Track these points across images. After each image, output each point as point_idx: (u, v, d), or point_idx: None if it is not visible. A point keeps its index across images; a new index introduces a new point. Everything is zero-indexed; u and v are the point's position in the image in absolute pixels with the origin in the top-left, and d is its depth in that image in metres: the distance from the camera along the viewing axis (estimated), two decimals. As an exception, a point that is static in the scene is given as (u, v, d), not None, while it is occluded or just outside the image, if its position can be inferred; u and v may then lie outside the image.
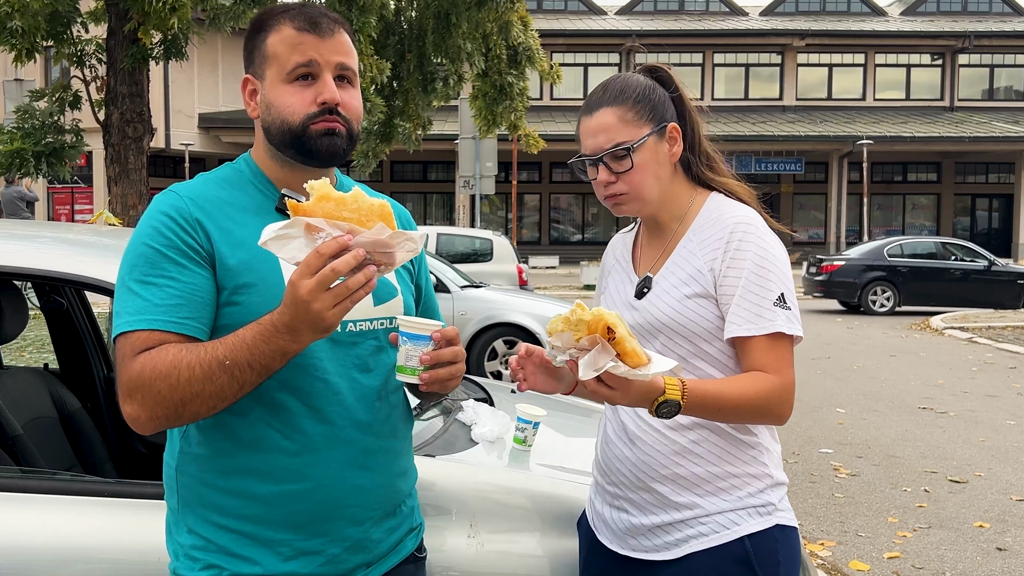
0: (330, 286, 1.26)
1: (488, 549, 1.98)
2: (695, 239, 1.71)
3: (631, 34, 33.38)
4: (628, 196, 1.71)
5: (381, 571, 1.58)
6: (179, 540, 1.52)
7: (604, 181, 1.70)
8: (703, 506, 1.66)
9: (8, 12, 7.63)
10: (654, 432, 1.69)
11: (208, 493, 1.48)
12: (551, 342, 1.46)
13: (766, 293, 1.62)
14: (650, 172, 1.70)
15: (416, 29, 12.47)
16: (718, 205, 1.74)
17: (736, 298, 1.63)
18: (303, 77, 1.48)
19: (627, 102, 1.70)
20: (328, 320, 1.29)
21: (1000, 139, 30.87)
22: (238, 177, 1.55)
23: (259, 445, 1.46)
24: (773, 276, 1.63)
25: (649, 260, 1.79)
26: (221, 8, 9.52)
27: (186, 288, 1.40)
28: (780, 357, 1.62)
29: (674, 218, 1.76)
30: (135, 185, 8.80)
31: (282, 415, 1.46)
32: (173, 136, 28.15)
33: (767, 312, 1.61)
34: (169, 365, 1.34)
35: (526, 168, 32.76)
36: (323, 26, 1.49)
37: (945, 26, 35.00)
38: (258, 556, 1.47)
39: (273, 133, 1.51)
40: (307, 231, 1.28)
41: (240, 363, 1.33)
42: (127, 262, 1.44)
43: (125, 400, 1.38)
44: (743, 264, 1.63)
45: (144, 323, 1.37)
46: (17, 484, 2.02)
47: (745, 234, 1.65)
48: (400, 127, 13.21)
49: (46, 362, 3.33)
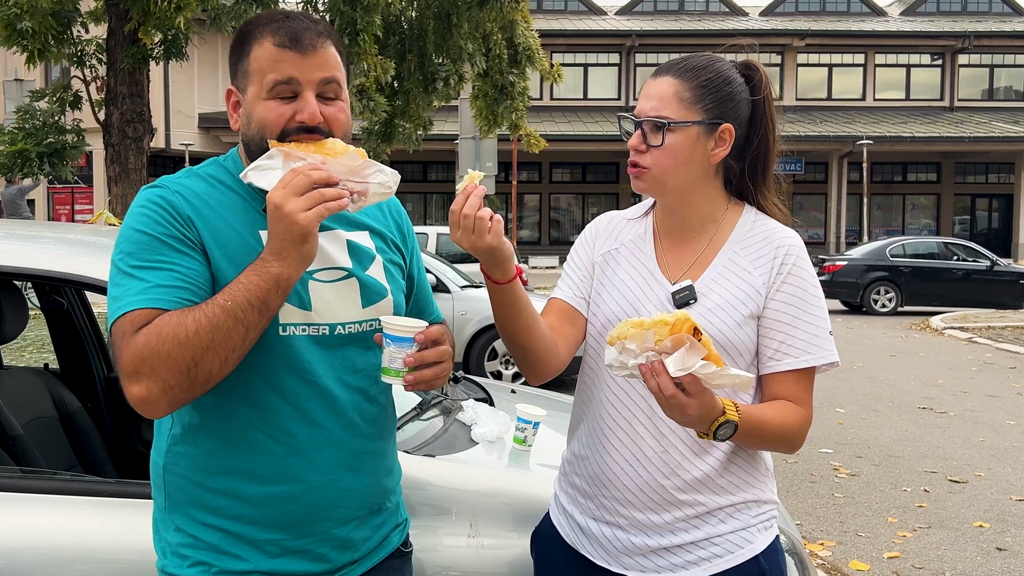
0: (303, 192, 1.31)
1: (488, 549, 1.98)
2: (744, 255, 1.62)
3: (631, 34, 33.37)
4: (648, 173, 1.61)
5: (367, 567, 1.59)
6: (167, 538, 1.52)
7: (634, 146, 1.61)
8: (717, 529, 1.60)
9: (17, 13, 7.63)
10: (678, 456, 1.58)
11: (197, 492, 1.48)
12: (624, 346, 1.37)
13: (821, 323, 1.59)
14: (679, 159, 1.59)
15: (417, 29, 12.48)
16: (758, 220, 1.66)
17: (789, 327, 1.58)
18: (284, 95, 1.45)
19: (692, 81, 1.60)
20: (302, 223, 1.31)
21: (1000, 139, 30.86)
22: (225, 176, 1.53)
23: (248, 447, 1.46)
24: (823, 304, 1.60)
25: (678, 263, 1.66)
26: (222, 8, 9.52)
27: (187, 273, 1.39)
28: (809, 388, 1.60)
29: (706, 222, 1.66)
30: (135, 185, 8.81)
31: (271, 417, 1.46)
32: (173, 136, 28.15)
33: (824, 342, 1.58)
34: (175, 324, 1.31)
35: (526, 168, 32.74)
36: (304, 42, 1.44)
37: (945, 26, 34.99)
38: (246, 554, 1.47)
39: (252, 148, 1.48)
40: (285, 160, 1.36)
41: (240, 302, 1.32)
42: (121, 249, 1.41)
43: (131, 380, 1.32)
44: (796, 291, 1.58)
45: (146, 302, 1.34)
46: (17, 484, 2.02)
47: (799, 259, 1.60)
48: (401, 127, 13.21)
49: (46, 362, 3.33)
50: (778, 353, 1.58)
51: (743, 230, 1.65)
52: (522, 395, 3.22)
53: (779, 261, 1.59)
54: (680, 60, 1.64)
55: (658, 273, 1.66)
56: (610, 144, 30.04)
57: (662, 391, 1.35)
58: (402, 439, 2.09)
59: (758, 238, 1.63)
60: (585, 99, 34.25)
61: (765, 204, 1.69)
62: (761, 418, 1.51)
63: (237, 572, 1.47)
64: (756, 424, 1.49)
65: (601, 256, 1.74)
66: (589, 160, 33.60)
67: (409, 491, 1.88)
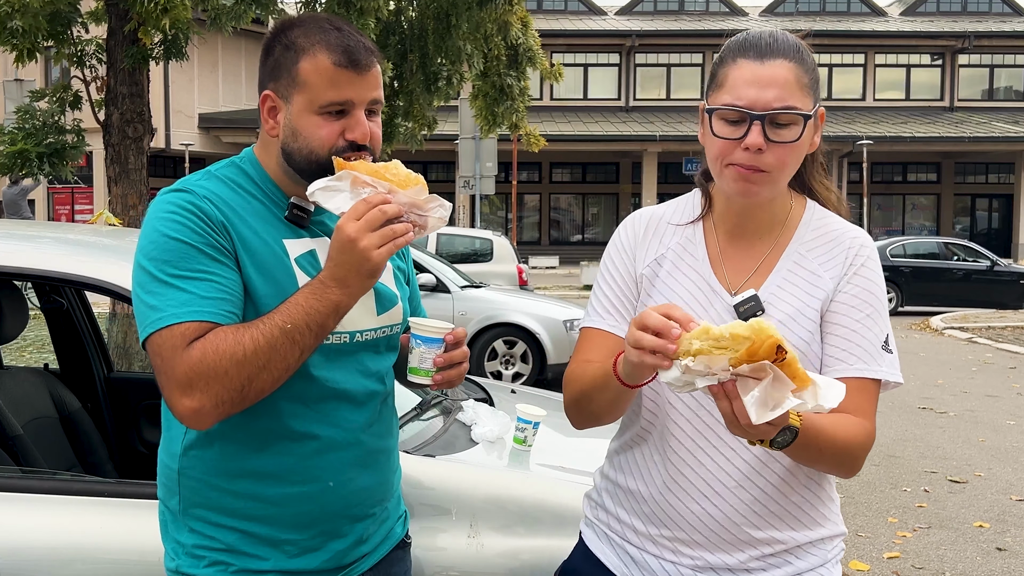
0: (377, 228, 1.32)
1: (488, 549, 1.98)
2: (812, 256, 1.47)
3: (631, 34, 33.37)
4: (767, 176, 1.38)
5: (377, 559, 1.62)
6: (179, 539, 1.52)
7: (755, 145, 1.35)
8: (796, 567, 1.47)
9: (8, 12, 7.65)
10: (755, 490, 1.43)
11: (214, 495, 1.48)
12: (688, 366, 1.15)
13: (880, 331, 1.44)
14: (800, 156, 1.42)
15: (417, 29, 12.49)
16: (823, 216, 1.51)
17: (850, 332, 1.42)
18: (332, 111, 1.45)
19: (804, 64, 1.40)
20: (374, 260, 1.32)
21: (1000, 139, 30.85)
22: (246, 181, 1.51)
23: (269, 449, 1.47)
24: (886, 312, 1.46)
25: (738, 270, 1.48)
26: (222, 8, 9.51)
27: (227, 283, 1.38)
28: (873, 402, 1.43)
29: (775, 222, 1.49)
30: (135, 185, 8.81)
31: (291, 421, 1.47)
32: (173, 136, 28.14)
33: (885, 352, 1.44)
34: (233, 342, 1.32)
35: (526, 168, 32.74)
36: (362, 63, 1.45)
37: (945, 26, 34.99)
38: (265, 553, 1.48)
39: (297, 160, 1.47)
40: (353, 184, 1.36)
41: (299, 325, 1.34)
42: (154, 256, 1.37)
43: (183, 394, 1.32)
44: (864, 294, 1.43)
45: (194, 314, 1.33)
46: (17, 484, 2.03)
47: (869, 259, 1.46)
48: (402, 127, 13.22)
49: (46, 362, 3.33)
50: (845, 353, 1.42)
51: (808, 228, 1.49)
52: (522, 395, 3.22)
53: (849, 261, 1.45)
54: (771, 39, 1.40)
55: (715, 283, 1.47)
56: (610, 144, 30.05)
57: (737, 418, 1.16)
58: (402, 439, 2.09)
59: (826, 237, 1.48)
60: (585, 99, 34.25)
61: (821, 191, 1.55)
62: (823, 428, 1.31)
63: (256, 571, 1.48)
64: (818, 434, 1.30)
65: (649, 267, 1.52)
66: (589, 160, 33.61)
67: (409, 491, 1.89)
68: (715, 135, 1.39)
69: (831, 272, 1.44)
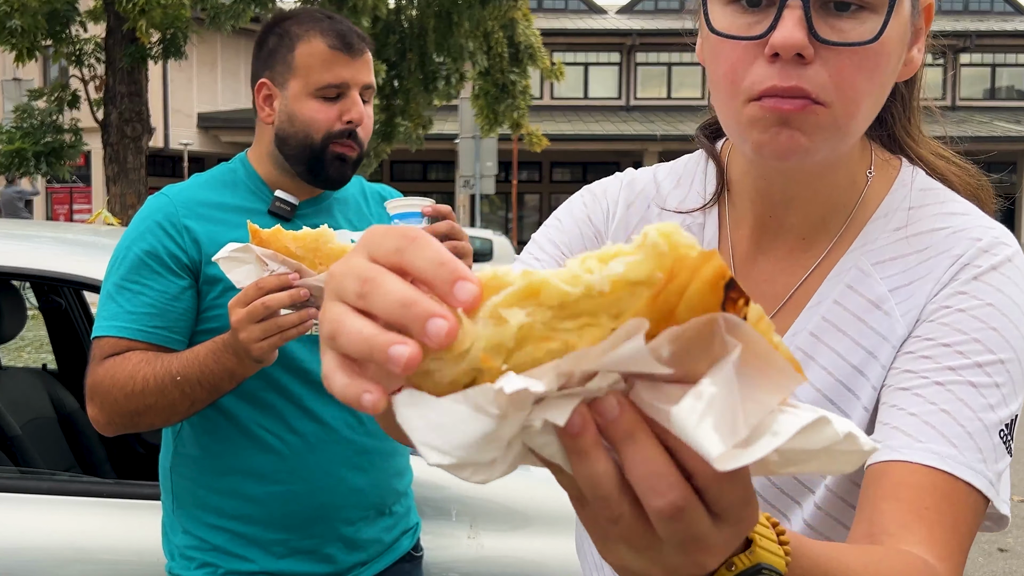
0: (259, 320, 1.23)
1: (488, 549, 1.97)
2: (888, 272, 0.84)
3: (631, 33, 33.39)
4: (820, 114, 0.75)
5: (377, 569, 1.59)
6: (174, 540, 1.53)
7: (791, 44, 0.72)
8: None
9: (8, 11, 7.65)
10: None
11: (202, 494, 1.49)
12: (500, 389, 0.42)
13: (993, 401, 0.76)
14: (884, 76, 0.78)
15: (417, 28, 12.49)
16: (924, 197, 0.89)
17: (931, 390, 0.76)
18: (329, 96, 1.48)
19: None
20: (255, 352, 1.25)
21: (1002, 139, 30.88)
22: (232, 178, 1.55)
23: (253, 446, 1.46)
24: (1019, 372, 0.78)
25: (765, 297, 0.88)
26: (221, 7, 9.51)
27: (159, 297, 1.41)
28: (956, 520, 0.73)
29: (837, 208, 0.87)
30: (134, 184, 8.81)
31: (275, 417, 1.46)
32: (172, 135, 28.15)
33: (995, 441, 0.75)
34: (127, 376, 1.36)
35: (526, 168, 32.77)
36: (355, 46, 1.48)
37: (946, 25, 34.98)
38: (252, 555, 1.47)
39: (291, 144, 1.49)
40: (258, 260, 1.26)
41: (191, 380, 1.33)
42: (112, 262, 1.46)
43: (88, 400, 1.42)
44: (973, 328, 0.78)
45: (114, 330, 1.40)
46: (16, 484, 2.02)
47: (996, 273, 0.82)
48: (401, 126, 13.23)
49: (44, 362, 3.32)
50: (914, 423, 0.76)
51: (891, 218, 0.87)
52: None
53: (952, 273, 0.82)
54: None
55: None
56: (611, 143, 30.07)
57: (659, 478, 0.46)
58: (402, 439, 2.08)
59: (922, 240, 0.85)
60: (586, 98, 34.27)
61: (925, 153, 0.96)
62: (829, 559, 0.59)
63: (243, 573, 1.47)
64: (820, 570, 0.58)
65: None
66: (590, 160, 33.62)
67: (409, 492, 1.88)
68: (717, 32, 0.77)
69: (914, 299, 0.82)
